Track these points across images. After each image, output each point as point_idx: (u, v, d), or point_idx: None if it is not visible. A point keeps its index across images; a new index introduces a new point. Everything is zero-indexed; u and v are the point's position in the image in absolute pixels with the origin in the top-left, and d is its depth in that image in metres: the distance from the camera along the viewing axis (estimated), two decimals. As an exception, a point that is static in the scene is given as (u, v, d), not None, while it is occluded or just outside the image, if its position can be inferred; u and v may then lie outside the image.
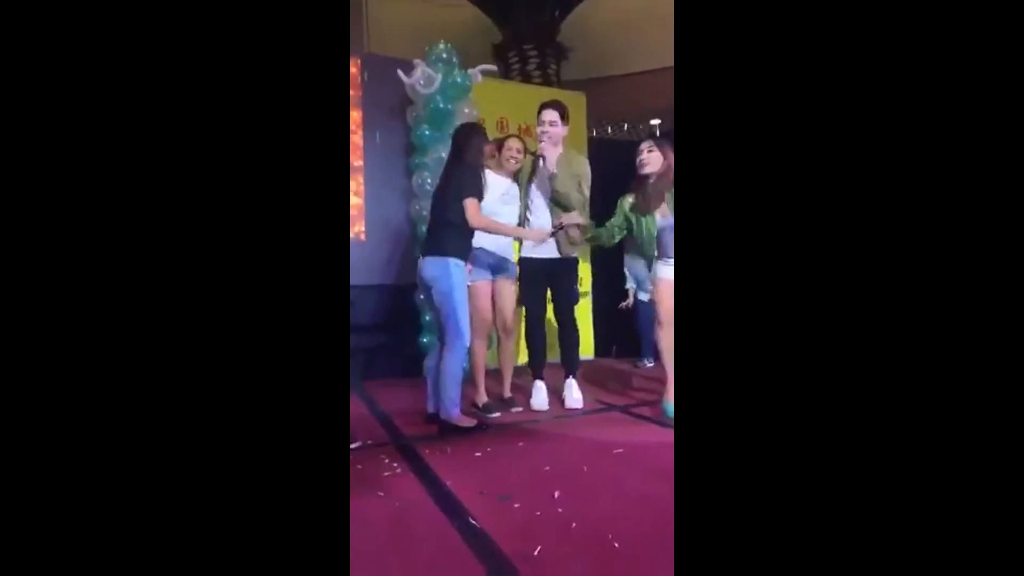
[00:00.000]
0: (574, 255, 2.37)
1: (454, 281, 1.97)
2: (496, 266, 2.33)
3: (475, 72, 3.12)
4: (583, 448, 1.84)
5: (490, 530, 1.24)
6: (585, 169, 2.31)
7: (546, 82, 4.81)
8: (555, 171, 2.22)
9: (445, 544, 1.20)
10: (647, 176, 2.11)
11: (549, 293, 2.39)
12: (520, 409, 2.32)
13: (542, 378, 2.40)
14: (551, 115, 2.26)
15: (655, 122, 5.67)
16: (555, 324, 2.47)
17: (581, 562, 1.10)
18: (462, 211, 1.97)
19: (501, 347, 2.44)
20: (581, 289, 3.73)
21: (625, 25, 4.86)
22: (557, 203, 2.26)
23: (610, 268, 2.56)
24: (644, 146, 2.14)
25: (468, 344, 2.04)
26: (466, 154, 2.02)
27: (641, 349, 3.51)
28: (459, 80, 3.05)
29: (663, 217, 2.10)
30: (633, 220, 2.17)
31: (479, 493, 1.45)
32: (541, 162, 2.27)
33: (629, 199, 2.20)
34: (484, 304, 2.30)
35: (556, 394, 2.43)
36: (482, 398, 2.33)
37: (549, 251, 2.29)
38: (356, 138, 3.18)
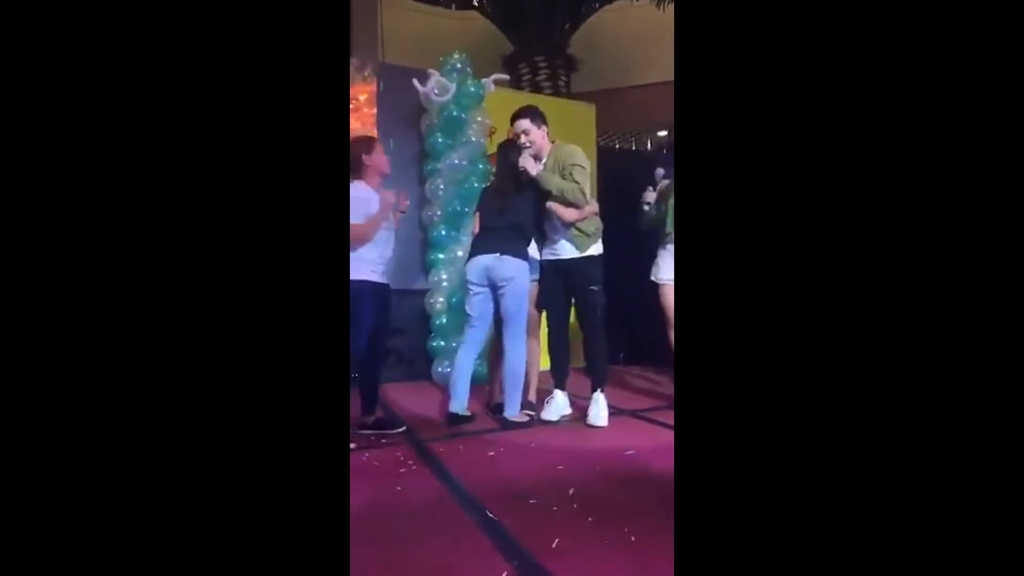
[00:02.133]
0: (591, 253, 2.21)
1: (528, 282, 2.18)
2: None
3: (488, 82, 3.19)
4: (595, 450, 1.86)
5: (507, 524, 1.27)
6: (575, 157, 2.17)
7: (556, 93, 4.88)
8: (535, 173, 2.15)
9: (465, 535, 1.22)
10: None
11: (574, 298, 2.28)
12: (531, 415, 2.24)
13: (563, 388, 2.31)
14: (522, 124, 2.20)
15: (662, 133, 5.74)
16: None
17: (598, 556, 1.12)
18: (539, 218, 2.22)
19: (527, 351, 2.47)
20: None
21: (633, 39, 4.95)
22: (562, 201, 2.15)
23: (618, 268, 2.53)
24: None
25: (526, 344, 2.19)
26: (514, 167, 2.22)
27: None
28: (472, 89, 3.12)
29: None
30: (660, 207, 2.49)
31: (496, 490, 1.48)
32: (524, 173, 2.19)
33: (658, 192, 2.54)
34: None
35: (578, 404, 2.33)
36: (532, 395, 2.38)
37: (566, 251, 2.22)
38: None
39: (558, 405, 2.28)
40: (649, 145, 5.46)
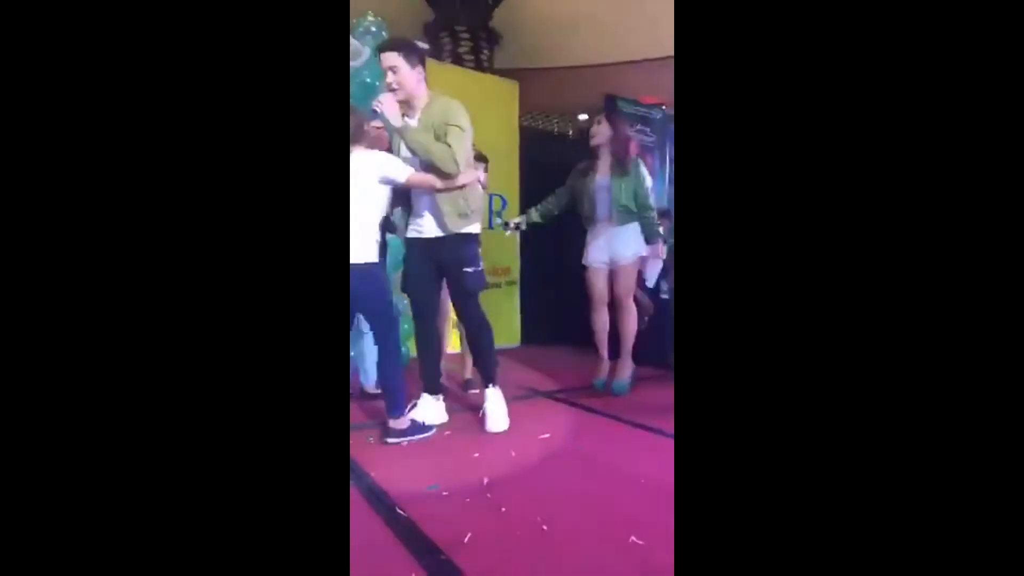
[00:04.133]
0: (466, 230, 1.85)
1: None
2: None
3: (407, 49, 3.00)
4: (510, 435, 1.85)
5: (419, 520, 1.21)
6: (453, 115, 1.76)
7: (478, 67, 4.73)
8: (402, 123, 1.74)
9: (371, 536, 1.15)
10: (597, 146, 2.36)
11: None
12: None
13: (434, 392, 1.96)
14: (390, 59, 1.73)
15: (582, 117, 5.80)
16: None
17: (511, 547, 1.10)
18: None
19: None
20: (506, 278, 3.77)
21: (558, 19, 4.90)
22: (424, 162, 1.76)
23: (537, 250, 2.49)
24: (595, 120, 2.40)
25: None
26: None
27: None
28: (388, 56, 2.92)
29: (602, 176, 2.35)
30: (580, 187, 2.40)
31: (407, 484, 1.42)
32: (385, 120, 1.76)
33: (576, 172, 2.45)
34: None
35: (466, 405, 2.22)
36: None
37: (430, 228, 1.85)
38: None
39: (422, 412, 1.89)
40: (571, 130, 5.50)
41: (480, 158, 2.26)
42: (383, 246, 1.91)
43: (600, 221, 2.38)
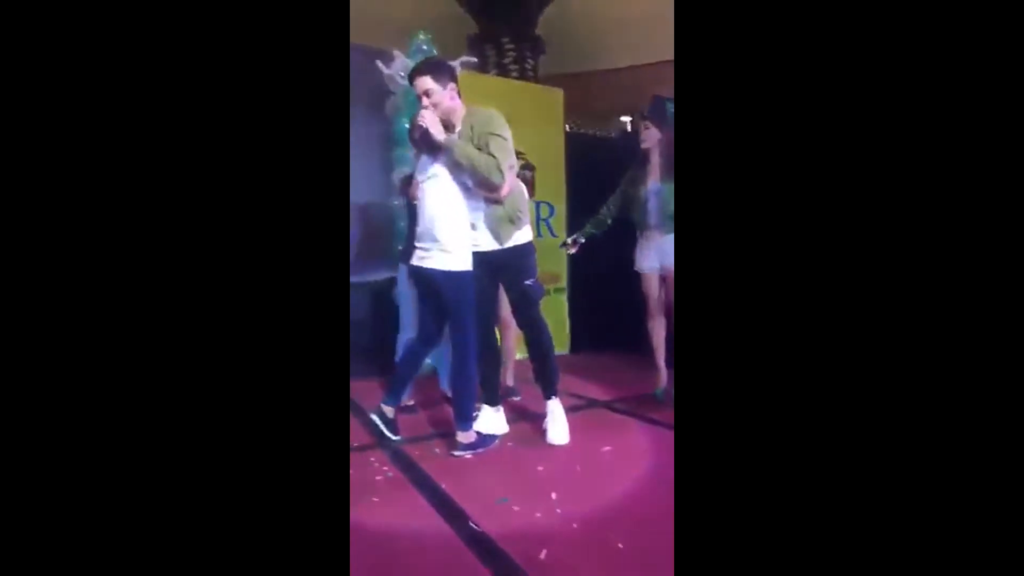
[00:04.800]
0: (518, 242, 1.89)
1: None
2: None
3: (456, 64, 3.07)
4: (572, 447, 1.86)
5: (493, 534, 1.24)
6: (493, 125, 1.76)
7: (523, 76, 4.78)
8: (444, 139, 1.75)
9: (449, 550, 1.19)
10: (647, 151, 2.37)
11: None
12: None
13: (494, 403, 2.01)
14: (422, 83, 1.75)
15: (625, 119, 5.74)
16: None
17: (588, 566, 1.11)
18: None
19: None
20: (555, 285, 3.77)
21: (602, 21, 4.88)
22: (474, 179, 1.77)
23: (585, 257, 2.50)
24: (643, 124, 2.42)
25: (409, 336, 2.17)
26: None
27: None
28: (439, 73, 3.00)
29: (653, 181, 2.35)
30: (632, 193, 2.42)
31: (477, 496, 1.45)
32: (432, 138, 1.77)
33: (628, 178, 2.46)
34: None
35: (531, 419, 2.13)
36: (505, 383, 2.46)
37: (485, 240, 1.88)
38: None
39: (483, 424, 1.94)
40: (613, 132, 5.45)
41: (527, 166, 2.27)
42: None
43: (651, 227, 2.36)
